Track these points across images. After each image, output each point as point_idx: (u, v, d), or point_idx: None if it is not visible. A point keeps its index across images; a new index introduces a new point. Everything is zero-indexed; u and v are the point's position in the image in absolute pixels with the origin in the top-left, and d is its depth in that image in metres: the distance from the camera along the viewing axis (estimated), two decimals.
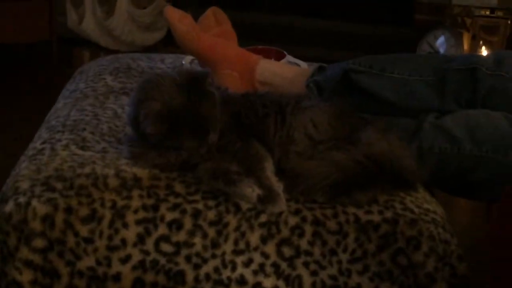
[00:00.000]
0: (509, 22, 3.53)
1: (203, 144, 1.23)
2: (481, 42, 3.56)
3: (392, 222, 1.22)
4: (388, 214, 1.23)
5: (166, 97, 1.23)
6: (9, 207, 1.19)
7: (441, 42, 3.56)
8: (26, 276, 1.17)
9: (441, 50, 3.52)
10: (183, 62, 1.84)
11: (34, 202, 1.19)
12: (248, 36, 1.96)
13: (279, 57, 1.84)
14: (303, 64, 1.86)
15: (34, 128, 1.53)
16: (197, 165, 1.25)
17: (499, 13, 3.55)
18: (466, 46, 3.55)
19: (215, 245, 1.19)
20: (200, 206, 1.21)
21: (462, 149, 1.38)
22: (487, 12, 3.55)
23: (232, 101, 1.34)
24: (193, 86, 1.25)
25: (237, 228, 1.20)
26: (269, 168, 1.25)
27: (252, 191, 1.19)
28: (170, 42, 1.73)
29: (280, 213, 1.21)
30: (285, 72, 1.66)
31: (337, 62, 1.62)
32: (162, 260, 1.18)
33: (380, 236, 1.21)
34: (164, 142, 1.24)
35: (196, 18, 1.73)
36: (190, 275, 1.18)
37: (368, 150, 1.26)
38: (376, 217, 1.22)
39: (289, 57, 1.86)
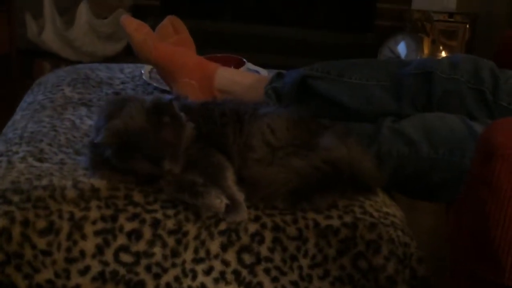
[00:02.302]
0: (467, 26, 3.57)
1: (156, 170, 1.22)
2: (441, 47, 3.60)
3: (351, 226, 1.22)
4: (348, 219, 1.23)
5: (129, 118, 1.22)
6: None
7: (402, 47, 3.59)
8: None
9: (402, 55, 3.55)
10: (142, 72, 1.83)
11: None
12: (208, 44, 1.96)
13: (238, 65, 1.84)
14: (263, 72, 1.86)
15: None
16: (157, 178, 1.24)
17: (458, 18, 3.59)
18: (426, 51, 3.58)
19: (175, 254, 1.18)
20: (159, 215, 1.20)
21: (419, 152, 1.40)
22: (446, 17, 3.59)
23: (190, 110, 1.34)
24: (159, 111, 1.23)
25: (196, 237, 1.19)
26: (230, 177, 1.25)
27: (220, 202, 1.19)
28: (131, 52, 1.72)
29: (240, 221, 1.21)
30: (243, 79, 1.67)
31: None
32: (122, 271, 1.17)
33: (340, 241, 1.21)
34: (116, 162, 1.22)
35: (154, 27, 1.72)
36: (150, 285, 1.17)
37: (327, 155, 1.27)
38: (335, 222, 1.23)
39: (248, 65, 1.86)
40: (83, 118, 1.53)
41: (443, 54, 3.57)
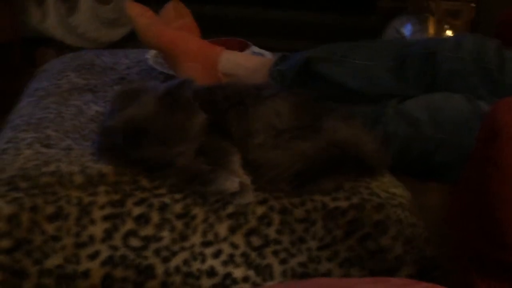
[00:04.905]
0: (472, 5, 3.55)
1: (167, 155, 1.22)
2: (445, 26, 3.58)
3: (359, 207, 1.23)
4: (355, 200, 1.24)
5: (140, 104, 1.23)
6: None
7: (407, 28, 3.58)
8: None
9: (408, 35, 3.54)
10: (147, 57, 1.83)
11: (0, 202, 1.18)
12: (212, 28, 1.96)
13: (243, 48, 1.83)
14: (268, 54, 1.85)
15: None
16: (164, 166, 1.24)
17: None
18: (431, 31, 3.57)
19: (183, 237, 1.19)
20: (167, 199, 1.21)
21: (424, 133, 1.40)
22: None
23: (197, 96, 1.34)
24: (171, 96, 1.24)
25: (205, 220, 1.20)
26: (236, 161, 1.25)
27: (231, 182, 1.19)
28: (135, 38, 1.72)
29: (247, 204, 1.21)
30: (248, 62, 1.66)
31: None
32: (131, 255, 1.18)
33: (348, 222, 1.22)
34: (129, 149, 1.23)
35: (158, 12, 1.72)
36: (159, 269, 1.18)
37: (332, 137, 1.27)
38: (343, 203, 1.23)
39: (253, 48, 1.86)
40: (89, 104, 1.53)
41: (448, 33, 3.56)
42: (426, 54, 1.50)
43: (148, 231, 1.19)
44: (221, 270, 1.19)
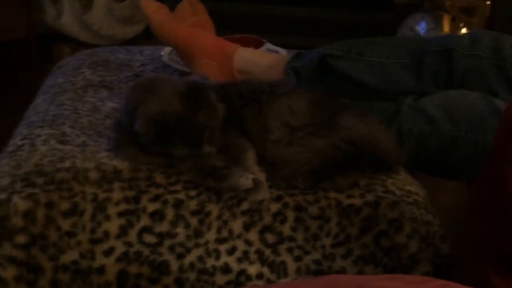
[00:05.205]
0: (488, 2, 3.54)
1: (194, 154, 1.22)
2: (461, 24, 3.56)
3: (374, 205, 1.22)
4: (370, 197, 1.23)
5: (165, 103, 1.22)
6: None
7: (421, 26, 3.56)
8: (10, 273, 1.16)
9: (422, 33, 3.53)
10: (162, 54, 1.83)
11: (15, 198, 1.18)
12: (227, 25, 1.96)
13: (258, 45, 1.83)
14: (283, 52, 1.85)
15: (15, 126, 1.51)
16: (179, 160, 1.24)
17: None
18: (446, 29, 3.55)
19: (198, 234, 1.19)
20: (181, 196, 1.21)
21: (441, 130, 1.39)
22: None
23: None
24: (193, 94, 1.24)
25: (219, 217, 1.20)
26: (251, 158, 1.25)
27: (246, 179, 1.20)
28: (150, 35, 1.72)
29: (262, 200, 1.21)
30: (263, 59, 1.66)
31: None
32: (146, 251, 1.18)
33: (362, 219, 1.21)
34: (153, 147, 1.23)
35: (173, 9, 1.72)
36: (174, 265, 1.18)
37: (347, 134, 1.27)
38: (357, 201, 1.23)
39: (268, 45, 1.86)
40: (104, 101, 1.53)
41: (464, 31, 3.54)
42: (442, 51, 1.49)
43: (162, 227, 1.19)
44: (235, 266, 1.19)
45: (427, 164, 1.44)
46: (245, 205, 1.21)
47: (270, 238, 1.20)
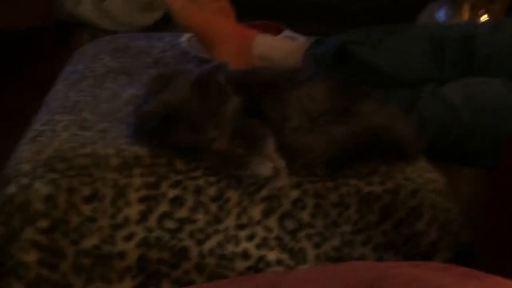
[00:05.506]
0: None
1: (201, 141, 1.22)
2: (481, 11, 3.53)
3: (393, 192, 1.22)
4: (389, 185, 1.23)
5: (176, 89, 1.23)
6: (12, 188, 1.19)
7: (441, 13, 3.54)
8: (32, 256, 1.17)
9: (442, 21, 3.50)
10: (182, 40, 1.84)
11: (37, 184, 1.19)
12: (247, 12, 1.95)
13: (277, 32, 1.83)
14: (302, 38, 1.85)
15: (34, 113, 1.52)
16: (197, 151, 1.24)
17: None
18: (466, 16, 3.53)
19: (217, 220, 1.19)
20: (201, 182, 1.21)
21: (461, 118, 1.39)
22: None
23: (232, 81, 1.34)
24: (204, 82, 1.24)
25: (238, 203, 1.20)
26: (270, 145, 1.25)
27: (265, 167, 1.20)
28: (169, 22, 1.73)
29: (281, 187, 1.21)
30: (282, 46, 1.66)
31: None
32: (166, 237, 1.18)
33: (382, 207, 1.21)
34: (161, 134, 1.24)
35: None
36: (194, 251, 1.19)
37: (367, 122, 1.27)
38: (377, 188, 1.23)
39: (287, 32, 1.85)
40: (124, 87, 1.54)
41: (484, 18, 3.51)
42: (463, 38, 1.48)
43: (182, 213, 1.19)
44: (254, 253, 1.19)
45: (447, 152, 1.43)
46: (264, 192, 1.21)
47: (289, 224, 1.20)
